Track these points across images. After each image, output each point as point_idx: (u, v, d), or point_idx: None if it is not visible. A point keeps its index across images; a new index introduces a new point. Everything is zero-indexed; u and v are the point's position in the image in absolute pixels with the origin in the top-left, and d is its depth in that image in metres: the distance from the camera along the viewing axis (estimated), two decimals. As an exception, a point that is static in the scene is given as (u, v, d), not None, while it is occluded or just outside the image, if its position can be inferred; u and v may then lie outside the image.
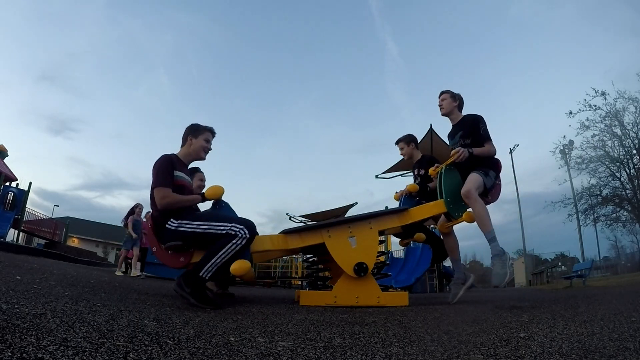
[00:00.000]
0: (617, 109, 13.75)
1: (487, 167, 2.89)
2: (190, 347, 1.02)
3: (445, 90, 3.18)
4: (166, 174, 2.28)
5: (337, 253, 2.61)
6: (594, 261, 12.86)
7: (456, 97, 3.13)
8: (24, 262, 3.65)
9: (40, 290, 1.71)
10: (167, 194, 2.23)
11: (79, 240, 28.63)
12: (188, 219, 2.23)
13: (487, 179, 2.83)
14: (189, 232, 2.20)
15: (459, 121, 3.10)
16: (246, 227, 2.16)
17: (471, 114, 3.05)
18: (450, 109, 3.11)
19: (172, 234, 2.24)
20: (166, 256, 2.38)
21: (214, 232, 2.16)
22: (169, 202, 2.23)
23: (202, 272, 2.06)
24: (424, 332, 1.52)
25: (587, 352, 1.09)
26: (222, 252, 2.10)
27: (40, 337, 0.89)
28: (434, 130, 10.40)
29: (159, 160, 2.34)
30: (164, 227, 2.25)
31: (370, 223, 2.74)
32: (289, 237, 2.69)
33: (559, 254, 24.65)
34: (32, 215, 12.78)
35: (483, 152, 2.86)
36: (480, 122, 2.94)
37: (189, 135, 2.51)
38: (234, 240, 2.12)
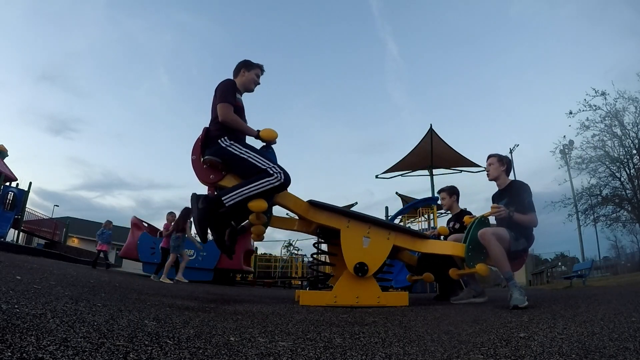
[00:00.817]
0: (617, 109, 13.74)
1: (521, 234, 2.79)
2: (190, 347, 1.02)
3: (493, 154, 3.12)
4: (231, 94, 2.44)
5: (347, 245, 2.62)
6: (594, 261, 12.87)
7: (504, 162, 3.07)
8: (24, 262, 3.65)
9: (40, 290, 1.71)
10: (230, 111, 2.37)
11: (79, 240, 28.60)
12: (239, 144, 2.35)
13: (514, 243, 2.72)
14: (236, 154, 2.31)
15: (506, 187, 3.03)
16: (284, 173, 2.25)
17: (518, 182, 3.01)
18: (498, 174, 3.06)
19: (220, 150, 2.34)
20: (201, 169, 2.44)
21: (256, 163, 2.26)
22: (232, 119, 2.36)
23: (226, 197, 2.13)
24: (424, 332, 1.52)
25: (587, 352, 1.09)
26: (253, 185, 2.17)
27: (40, 337, 0.89)
28: (434, 131, 10.40)
29: (225, 81, 2.53)
30: (215, 141, 2.35)
31: (390, 233, 2.74)
32: (311, 208, 2.68)
33: (559, 254, 24.63)
34: (32, 215, 12.79)
35: (523, 219, 2.74)
36: (526, 192, 2.85)
37: (242, 68, 2.68)
38: (269, 179, 2.20)
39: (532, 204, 2.85)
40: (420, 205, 9.46)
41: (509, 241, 2.67)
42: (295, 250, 22.16)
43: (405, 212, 9.78)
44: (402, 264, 9.01)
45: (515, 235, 2.74)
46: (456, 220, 3.83)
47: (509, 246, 2.67)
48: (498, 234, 2.64)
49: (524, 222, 2.76)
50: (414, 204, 8.56)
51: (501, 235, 2.64)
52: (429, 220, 10.13)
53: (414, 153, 11.23)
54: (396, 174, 12.35)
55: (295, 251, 21.94)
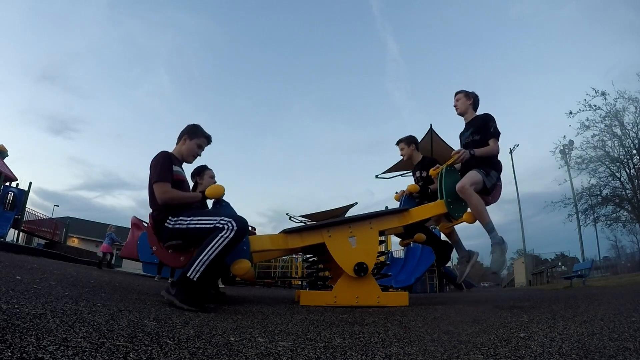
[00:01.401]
0: (617, 109, 13.76)
1: (489, 167, 2.87)
2: (190, 347, 1.02)
3: (459, 90, 3.18)
4: (166, 169, 2.26)
5: (337, 253, 2.61)
6: (594, 261, 12.85)
7: (470, 96, 3.14)
8: (24, 262, 3.65)
9: (40, 290, 1.71)
10: (167, 189, 2.22)
11: (79, 240, 28.60)
12: (184, 216, 2.22)
13: (488, 179, 2.80)
14: (183, 229, 2.19)
15: (471, 119, 3.11)
16: (234, 220, 2.10)
17: (483, 113, 3.06)
18: (465, 107, 3.12)
19: (170, 232, 2.23)
20: (167, 255, 2.38)
21: (204, 226, 2.13)
22: (170, 197, 2.22)
23: (190, 272, 1.97)
24: (424, 332, 1.52)
25: (587, 352, 1.09)
26: (209, 248, 2.02)
27: (40, 337, 0.89)
28: (434, 131, 10.40)
29: (158, 155, 2.34)
30: (163, 226, 2.24)
31: (370, 223, 2.74)
32: (289, 237, 2.69)
33: (559, 254, 24.64)
34: (32, 215, 12.77)
35: (485, 152, 2.83)
36: (490, 120, 2.94)
37: (185, 135, 2.50)
38: (222, 234, 2.05)
39: (497, 130, 2.91)
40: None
41: (482, 180, 2.75)
42: (295, 250, 22.12)
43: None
44: (402, 264, 8.99)
45: (485, 171, 2.81)
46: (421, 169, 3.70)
47: (484, 184, 2.75)
48: (472, 181, 2.70)
49: (486, 153, 2.84)
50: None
51: (476, 180, 2.71)
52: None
53: (414, 153, 11.20)
54: (396, 174, 12.34)
55: (295, 251, 21.90)
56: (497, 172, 2.94)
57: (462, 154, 2.74)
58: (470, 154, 2.76)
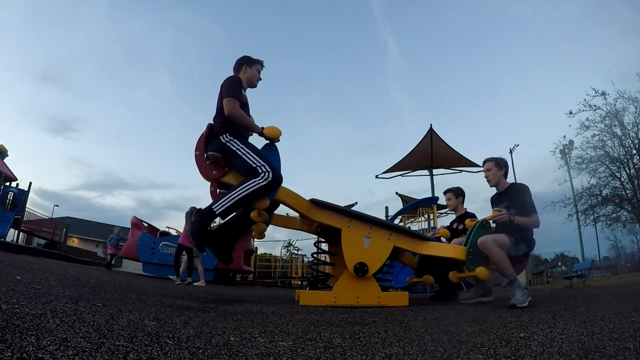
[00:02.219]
0: (617, 109, 13.73)
1: (522, 239, 2.79)
2: (190, 347, 1.02)
3: (489, 158, 3.11)
4: (238, 89, 2.47)
5: (347, 245, 2.62)
6: (594, 261, 12.86)
7: (501, 165, 3.07)
8: (24, 262, 3.65)
9: (40, 290, 1.71)
10: (236, 105, 2.39)
11: (79, 240, 28.61)
12: (239, 140, 2.37)
13: (514, 248, 2.73)
14: (233, 150, 2.33)
15: (505, 189, 3.03)
16: (272, 171, 2.23)
17: (518, 184, 3.01)
18: (498, 179, 3.05)
19: (220, 146, 2.36)
20: (204, 164, 2.46)
21: (248, 161, 2.27)
22: (238, 114, 2.39)
23: (216, 205, 2.14)
24: (424, 332, 1.52)
25: (587, 352, 1.09)
26: (240, 188, 2.16)
27: (40, 337, 0.89)
28: (434, 131, 10.41)
29: (231, 77, 2.56)
30: (217, 137, 2.38)
31: (391, 234, 2.74)
32: (313, 207, 2.69)
33: (559, 254, 24.63)
34: (32, 215, 12.78)
35: (525, 222, 2.75)
36: (526, 194, 2.86)
37: (244, 64, 2.69)
38: (256, 179, 2.19)
39: (533, 204, 2.85)
40: (420, 205, 9.46)
41: (509, 247, 2.68)
42: (295, 250, 22.20)
43: (405, 212, 9.78)
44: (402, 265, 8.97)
45: (516, 240, 2.74)
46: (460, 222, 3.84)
47: (509, 252, 2.68)
48: (498, 241, 2.64)
49: (526, 224, 2.76)
50: (414, 204, 8.57)
51: (501, 242, 2.65)
52: (429, 220, 10.13)
53: (414, 153, 11.23)
54: (396, 174, 12.35)
55: (295, 251, 21.97)
56: (527, 248, 2.84)
57: (502, 215, 2.69)
58: (510, 219, 2.70)
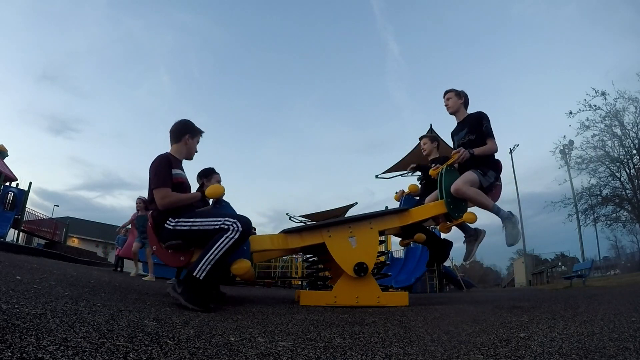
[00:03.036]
0: (617, 109, 13.74)
1: (487, 166, 2.86)
2: (190, 347, 1.02)
3: (449, 89, 3.18)
4: (165, 174, 2.28)
5: (337, 253, 2.61)
6: (594, 261, 12.85)
7: (461, 95, 3.14)
8: (24, 262, 3.64)
9: (40, 290, 1.71)
10: (167, 193, 2.23)
11: (79, 240, 28.59)
12: (185, 217, 2.24)
13: (485, 179, 2.80)
14: (185, 230, 2.21)
15: (464, 119, 3.10)
16: (239, 221, 2.13)
17: (476, 112, 3.06)
18: (457, 107, 3.12)
19: (170, 233, 2.24)
20: (166, 255, 2.39)
21: (208, 228, 2.16)
22: (170, 202, 2.24)
23: (196, 271, 2.01)
24: (424, 332, 1.52)
25: (587, 352, 1.09)
26: (214, 248, 2.06)
27: (40, 337, 0.89)
28: (434, 130, 10.40)
29: (157, 160, 2.34)
30: (163, 226, 2.26)
31: (370, 223, 2.74)
32: (289, 237, 2.69)
33: (559, 254, 24.64)
34: (32, 215, 12.77)
35: (484, 151, 2.83)
36: (483, 119, 2.93)
37: (187, 134, 2.51)
38: (227, 234, 2.09)
39: (491, 129, 2.91)
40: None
41: (479, 180, 2.74)
42: (295, 250, 22.13)
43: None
44: (402, 264, 8.98)
45: (482, 171, 2.80)
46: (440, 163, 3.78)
47: (480, 184, 2.75)
48: (467, 180, 2.70)
49: (486, 152, 2.84)
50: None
51: (471, 180, 2.71)
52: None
53: (414, 153, 11.22)
54: (396, 174, 12.35)
55: (295, 251, 21.91)
56: (496, 172, 2.92)
57: (462, 154, 2.74)
58: (470, 154, 2.76)
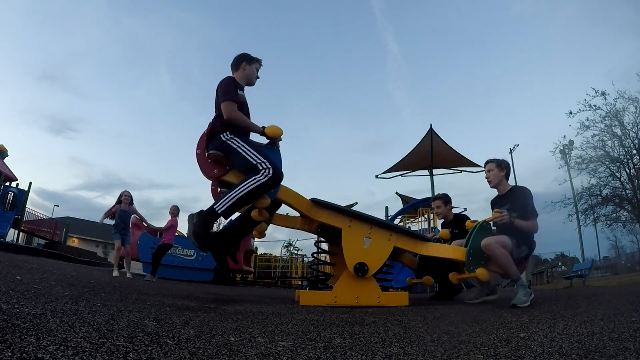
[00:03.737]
0: (617, 109, 13.71)
1: (523, 241, 2.80)
2: (190, 347, 1.02)
3: (491, 159, 3.10)
4: (234, 91, 2.48)
5: (348, 244, 2.62)
6: (594, 261, 12.86)
7: (502, 167, 3.05)
8: (24, 262, 3.65)
9: (40, 290, 1.71)
10: (235, 108, 2.41)
11: (79, 240, 28.59)
12: (240, 138, 2.38)
13: (516, 250, 2.73)
14: (233, 148, 2.34)
15: (507, 192, 3.02)
16: (273, 168, 2.24)
17: (520, 187, 3.00)
18: (499, 180, 3.04)
19: (220, 144, 2.38)
20: (205, 163, 2.48)
21: (249, 158, 2.28)
22: (236, 117, 2.41)
23: (217, 205, 2.14)
24: (424, 332, 1.52)
25: (587, 352, 1.09)
26: (241, 186, 2.17)
27: (40, 337, 0.89)
28: (434, 131, 10.41)
29: (226, 79, 2.55)
30: (217, 136, 2.39)
31: (391, 235, 2.73)
32: (314, 206, 2.69)
33: (559, 254, 24.65)
34: (32, 215, 12.78)
35: (525, 226, 2.76)
36: (528, 198, 2.86)
37: (243, 61, 2.67)
38: (256, 176, 2.20)
39: (535, 209, 2.85)
40: (420, 206, 9.47)
41: (511, 248, 2.68)
42: (295, 250, 22.18)
43: (405, 212, 9.79)
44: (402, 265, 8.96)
45: (517, 242, 2.74)
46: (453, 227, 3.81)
47: (511, 253, 2.67)
48: (501, 242, 2.64)
49: (525, 228, 2.76)
50: (414, 203, 8.58)
51: (504, 243, 2.65)
52: (429, 220, 10.13)
53: (414, 153, 11.24)
54: (396, 174, 12.36)
55: (295, 251, 21.96)
56: (529, 250, 2.86)
57: (503, 216, 2.68)
58: (511, 221, 2.70)
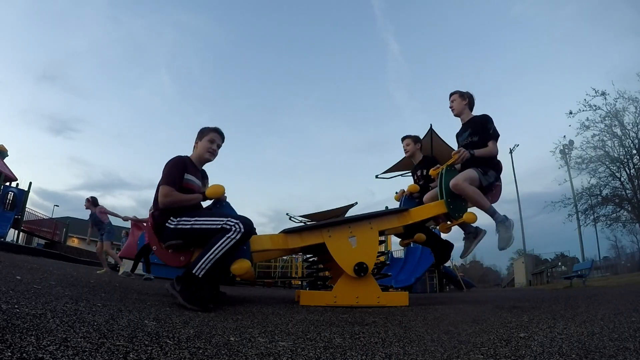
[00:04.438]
0: (617, 109, 13.73)
1: (487, 167, 2.87)
2: (190, 347, 1.02)
3: (454, 91, 3.19)
4: (174, 174, 2.29)
5: (337, 253, 2.61)
6: (594, 261, 12.86)
7: (465, 96, 3.14)
8: (24, 262, 3.65)
9: (40, 290, 1.71)
10: (170, 192, 2.23)
11: (79, 240, 28.58)
12: (187, 216, 2.23)
13: (484, 177, 2.81)
14: (187, 229, 2.20)
15: (468, 120, 3.11)
16: (241, 222, 2.13)
17: (480, 114, 3.07)
18: (461, 108, 3.13)
19: (171, 232, 2.24)
20: (166, 255, 2.38)
21: (210, 227, 2.16)
22: (171, 201, 2.24)
23: (195, 269, 2.02)
24: (424, 332, 1.52)
25: (587, 352, 1.09)
26: (215, 248, 2.07)
27: (40, 337, 0.89)
28: (434, 131, 10.40)
29: (172, 160, 2.36)
30: (164, 226, 2.26)
31: (370, 223, 2.74)
32: (289, 237, 2.69)
33: (559, 254, 24.64)
34: (32, 215, 12.80)
35: (484, 152, 2.85)
36: (488, 121, 2.94)
37: (196, 139, 2.53)
38: (229, 235, 2.09)
39: (496, 131, 2.93)
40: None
41: (479, 179, 2.76)
42: (295, 250, 22.15)
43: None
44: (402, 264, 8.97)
45: (483, 170, 2.82)
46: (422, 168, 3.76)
47: (480, 183, 2.76)
48: (467, 177, 2.71)
49: (486, 154, 2.86)
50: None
51: (471, 177, 2.72)
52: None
53: (414, 153, 11.22)
54: (396, 174, 12.34)
55: (295, 251, 21.93)
56: (496, 172, 2.94)
57: (462, 154, 2.76)
58: (470, 154, 2.78)
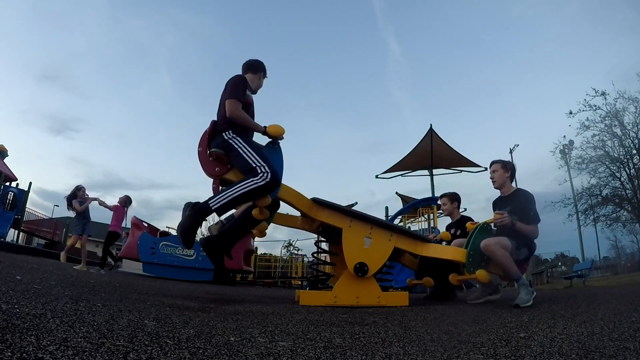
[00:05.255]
0: (617, 109, 13.71)
1: (523, 243, 2.79)
2: (190, 347, 1.02)
3: (496, 160, 3.09)
4: (241, 90, 2.48)
5: (348, 244, 2.62)
6: (594, 261, 12.86)
7: (508, 168, 3.05)
8: (24, 262, 3.65)
9: (40, 290, 1.71)
10: (239, 107, 2.41)
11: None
12: (241, 138, 2.39)
13: (516, 252, 2.72)
14: (235, 148, 2.35)
15: (510, 195, 3.01)
16: (272, 173, 2.24)
17: (523, 190, 2.98)
18: (503, 180, 3.03)
19: (222, 142, 2.39)
20: (206, 161, 2.48)
21: (248, 160, 2.29)
22: (239, 116, 2.41)
23: (212, 201, 2.16)
24: (424, 332, 1.52)
25: (587, 352, 1.09)
26: (237, 186, 2.19)
27: (40, 337, 0.89)
28: (434, 131, 10.40)
29: (236, 76, 2.56)
30: (220, 134, 2.41)
31: (391, 235, 2.73)
32: (314, 206, 2.69)
33: (559, 254, 24.65)
34: (32, 215, 12.79)
35: (525, 229, 2.75)
36: (530, 202, 2.85)
37: (262, 72, 2.77)
38: (254, 179, 2.21)
39: (537, 215, 2.84)
40: (420, 205, 9.45)
41: (511, 250, 2.67)
42: (295, 250, 22.20)
43: (405, 212, 9.77)
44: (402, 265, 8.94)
45: (517, 244, 2.74)
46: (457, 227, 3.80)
47: (510, 255, 2.66)
48: (501, 243, 2.63)
49: (525, 232, 2.76)
50: (413, 204, 8.56)
51: (504, 245, 2.64)
52: (429, 221, 10.12)
53: (414, 153, 11.23)
54: (396, 174, 12.34)
55: (295, 251, 21.97)
56: (529, 252, 2.85)
57: (504, 218, 2.68)
58: (511, 223, 2.69)
